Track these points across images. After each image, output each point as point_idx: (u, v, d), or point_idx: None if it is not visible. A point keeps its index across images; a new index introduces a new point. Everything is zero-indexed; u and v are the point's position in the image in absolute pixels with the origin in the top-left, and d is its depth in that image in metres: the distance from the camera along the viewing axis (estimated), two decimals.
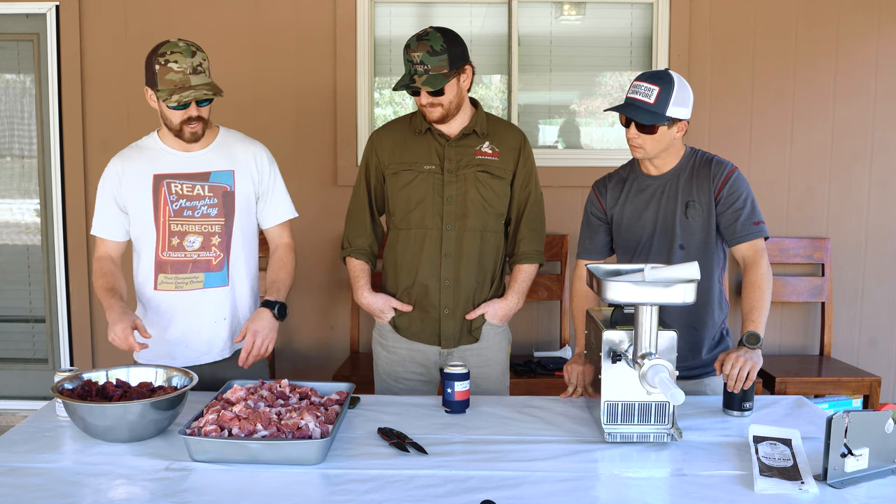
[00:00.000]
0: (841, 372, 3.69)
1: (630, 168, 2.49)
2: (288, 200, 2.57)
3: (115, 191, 2.41)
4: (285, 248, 2.55)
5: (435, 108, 2.45)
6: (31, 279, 4.24)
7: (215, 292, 2.41)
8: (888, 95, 3.94)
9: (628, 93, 2.31)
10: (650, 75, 2.30)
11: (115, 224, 2.45)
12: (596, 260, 2.53)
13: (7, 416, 4.14)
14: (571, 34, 4.10)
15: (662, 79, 2.27)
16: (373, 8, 4.00)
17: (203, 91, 2.26)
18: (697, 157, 2.42)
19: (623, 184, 2.47)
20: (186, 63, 2.25)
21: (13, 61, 4.11)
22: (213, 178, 2.41)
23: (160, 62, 2.25)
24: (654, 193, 2.41)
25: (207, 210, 2.39)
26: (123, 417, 1.93)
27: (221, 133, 2.49)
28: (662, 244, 2.39)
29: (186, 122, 2.32)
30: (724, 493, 1.71)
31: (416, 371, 2.62)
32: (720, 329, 2.48)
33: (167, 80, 2.25)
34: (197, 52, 2.28)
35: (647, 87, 2.26)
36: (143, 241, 2.41)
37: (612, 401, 2.04)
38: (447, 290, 2.53)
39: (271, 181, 2.51)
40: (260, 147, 2.52)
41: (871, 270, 4.03)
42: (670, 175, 2.40)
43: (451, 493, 1.71)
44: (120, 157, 2.44)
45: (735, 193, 2.33)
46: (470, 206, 2.51)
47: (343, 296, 4.03)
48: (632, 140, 2.32)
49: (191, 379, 2.11)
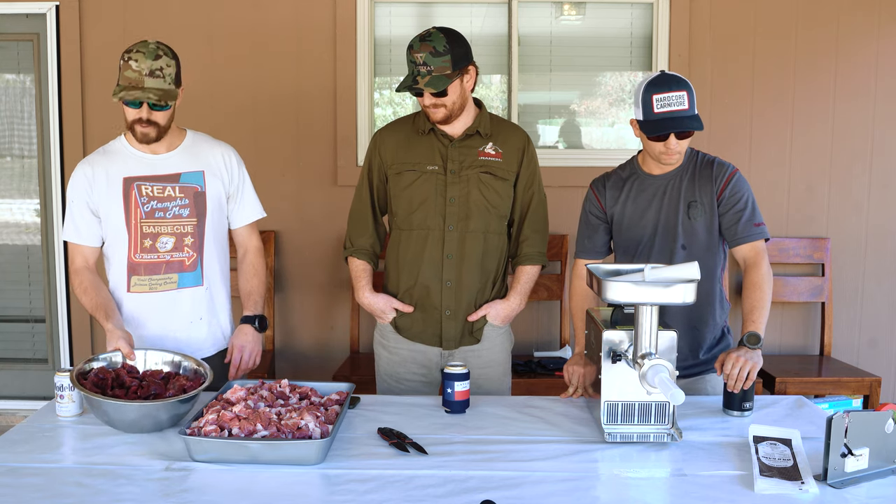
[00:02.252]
0: (841, 372, 3.69)
1: (630, 167, 2.49)
2: (256, 201, 2.59)
3: (86, 196, 2.40)
4: (255, 254, 2.57)
5: (438, 109, 2.45)
6: (31, 279, 4.24)
7: (190, 292, 2.42)
8: (888, 95, 3.94)
9: (657, 108, 2.25)
10: (667, 82, 2.26)
11: (90, 229, 2.43)
12: (595, 259, 2.52)
13: (7, 416, 4.14)
14: (571, 34, 4.10)
15: (679, 83, 2.26)
16: (373, 8, 4.00)
17: (149, 94, 2.26)
18: (699, 158, 2.42)
19: (623, 183, 2.47)
20: (145, 65, 2.26)
21: (13, 61, 4.11)
22: (184, 179, 2.41)
23: (124, 58, 2.29)
24: (657, 193, 2.41)
25: (179, 211, 2.40)
26: (150, 414, 1.99)
27: (189, 136, 2.49)
28: (664, 244, 2.39)
29: (137, 121, 2.33)
30: (724, 493, 1.71)
31: (417, 372, 2.62)
32: (721, 328, 2.48)
33: (124, 76, 2.29)
34: (162, 57, 2.29)
35: (677, 95, 2.24)
36: (115, 246, 2.41)
37: (612, 401, 2.04)
38: (449, 291, 2.53)
39: (240, 182, 2.52)
40: (228, 148, 2.54)
41: (871, 270, 4.03)
42: (672, 175, 2.41)
43: (451, 493, 1.71)
44: (88, 162, 2.43)
45: (736, 195, 2.34)
46: (473, 207, 2.51)
47: (343, 296, 4.03)
48: (673, 150, 2.29)
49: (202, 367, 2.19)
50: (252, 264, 2.56)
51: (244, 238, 2.57)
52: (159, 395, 2.08)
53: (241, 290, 2.55)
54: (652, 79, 2.30)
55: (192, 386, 2.10)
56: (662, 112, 2.25)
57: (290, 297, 4.07)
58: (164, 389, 2.10)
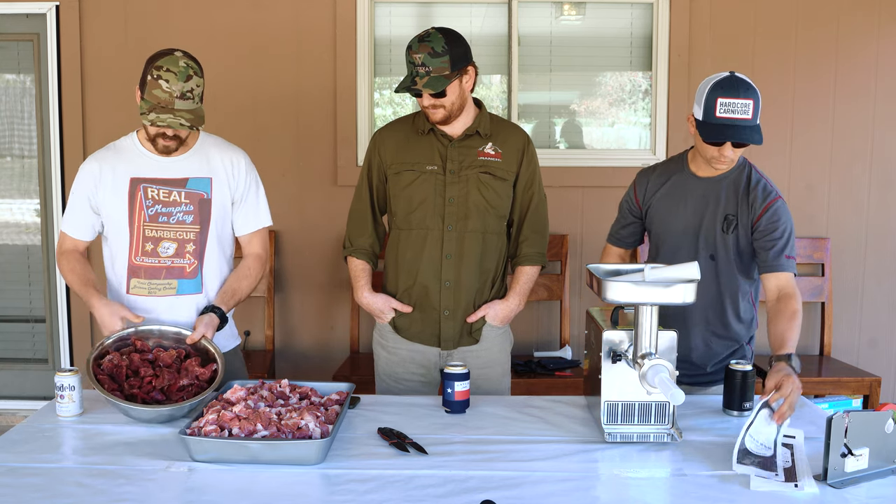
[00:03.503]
0: (841, 372, 3.69)
1: (679, 162, 2.45)
2: (262, 209, 2.53)
3: (89, 192, 2.39)
4: (254, 259, 2.52)
5: (437, 109, 2.45)
6: (31, 279, 4.24)
7: (189, 299, 2.40)
8: (888, 95, 3.94)
9: (719, 112, 2.16)
10: (738, 89, 2.17)
11: (86, 224, 2.43)
12: (622, 248, 2.62)
13: (7, 416, 4.14)
14: (571, 34, 4.10)
15: (749, 90, 2.17)
16: (373, 8, 4.00)
17: (181, 120, 2.22)
18: (748, 172, 2.36)
19: (666, 178, 2.45)
20: (177, 87, 2.22)
21: (13, 61, 4.11)
22: (191, 185, 2.39)
23: (153, 74, 2.23)
24: (696, 195, 2.38)
25: (183, 217, 2.38)
26: (165, 414, 2.09)
27: (201, 139, 2.46)
28: (692, 247, 2.37)
29: (161, 136, 2.31)
30: (724, 493, 1.71)
31: (416, 372, 2.62)
32: (741, 345, 2.45)
33: (153, 94, 2.22)
34: (192, 77, 2.25)
35: (743, 103, 2.15)
36: (116, 245, 2.40)
37: (612, 401, 2.04)
38: (447, 292, 2.53)
39: (246, 189, 2.48)
40: (239, 153, 2.49)
41: (871, 270, 4.03)
42: (717, 181, 2.36)
43: (451, 493, 1.71)
44: (96, 158, 2.41)
45: (774, 223, 2.28)
46: (472, 207, 2.50)
47: (343, 296, 4.03)
48: (726, 157, 2.23)
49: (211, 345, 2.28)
50: (248, 267, 2.50)
51: (246, 245, 2.53)
52: (173, 386, 2.16)
53: (226, 284, 2.45)
54: (720, 80, 2.20)
55: (204, 374, 2.19)
56: (724, 118, 2.16)
57: (290, 297, 4.07)
58: (178, 378, 2.18)
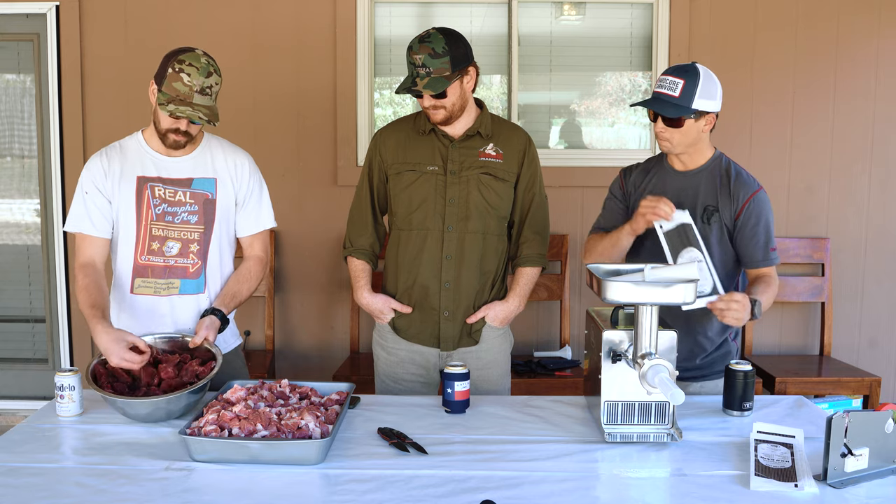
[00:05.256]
0: (841, 372, 3.69)
1: (658, 160, 2.51)
2: (265, 212, 2.52)
3: (102, 185, 2.37)
4: (255, 261, 2.51)
5: (438, 110, 2.45)
6: (31, 279, 4.24)
7: (191, 299, 2.40)
8: (888, 95, 3.94)
9: (655, 87, 2.35)
10: (676, 68, 2.33)
11: (103, 218, 2.38)
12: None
13: (7, 416, 4.14)
14: (571, 34, 4.10)
15: (688, 71, 2.30)
16: (373, 8, 4.00)
17: (199, 114, 2.23)
18: (724, 165, 2.40)
19: (647, 174, 2.49)
20: (198, 81, 2.23)
21: (13, 61, 4.11)
22: (196, 185, 2.39)
23: (175, 67, 2.24)
24: (675, 189, 2.41)
25: (188, 217, 2.38)
26: (161, 408, 2.07)
27: (206, 139, 2.46)
28: None
29: (174, 130, 2.30)
30: (723, 493, 1.71)
31: (415, 373, 2.62)
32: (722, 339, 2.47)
33: (173, 86, 2.23)
34: (213, 75, 2.26)
35: (672, 80, 2.29)
36: (122, 243, 2.39)
37: (612, 401, 2.04)
38: (447, 292, 2.52)
39: (249, 191, 2.48)
40: (243, 155, 2.49)
41: (871, 270, 4.03)
42: (694, 174, 2.40)
43: (451, 493, 1.71)
44: (104, 154, 2.40)
45: (754, 217, 2.35)
46: (472, 208, 2.50)
47: (343, 296, 4.03)
48: (660, 134, 2.35)
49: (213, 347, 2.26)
50: (249, 270, 2.49)
51: (247, 246, 2.53)
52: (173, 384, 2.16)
53: (226, 286, 2.44)
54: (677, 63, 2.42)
55: (203, 372, 2.18)
56: (654, 92, 2.34)
57: (290, 297, 4.07)
58: (178, 377, 2.18)
